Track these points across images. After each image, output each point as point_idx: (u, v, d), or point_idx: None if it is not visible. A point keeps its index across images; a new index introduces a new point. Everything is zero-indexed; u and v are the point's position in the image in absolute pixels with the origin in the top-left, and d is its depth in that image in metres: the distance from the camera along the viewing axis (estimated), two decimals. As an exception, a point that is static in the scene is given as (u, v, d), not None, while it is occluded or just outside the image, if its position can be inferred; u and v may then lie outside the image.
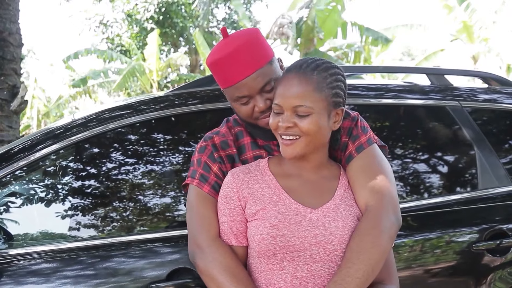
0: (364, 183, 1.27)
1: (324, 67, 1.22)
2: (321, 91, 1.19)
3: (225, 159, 1.38)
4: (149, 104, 1.78)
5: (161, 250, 1.57)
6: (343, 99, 1.25)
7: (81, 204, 1.71)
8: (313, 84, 1.19)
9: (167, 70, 14.78)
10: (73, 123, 1.73)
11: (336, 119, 1.24)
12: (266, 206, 1.22)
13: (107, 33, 16.10)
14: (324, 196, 1.25)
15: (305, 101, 1.18)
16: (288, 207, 1.22)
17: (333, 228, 1.20)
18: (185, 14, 15.15)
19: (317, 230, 1.20)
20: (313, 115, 1.18)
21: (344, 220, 1.22)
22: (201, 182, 1.35)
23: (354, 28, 11.66)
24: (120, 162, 1.75)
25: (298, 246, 1.18)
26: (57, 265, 1.55)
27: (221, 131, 1.44)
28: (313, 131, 1.19)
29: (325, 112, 1.20)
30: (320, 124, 1.19)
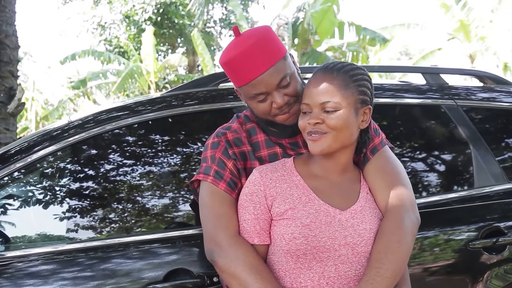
0: (382, 184, 1.31)
1: (349, 68, 1.25)
2: (348, 88, 1.22)
3: (238, 156, 1.36)
4: (146, 105, 1.78)
5: (159, 251, 1.58)
6: (370, 98, 1.27)
7: (78, 206, 1.71)
8: (339, 81, 1.22)
9: (165, 71, 14.77)
10: (70, 125, 1.73)
11: (364, 118, 1.26)
12: (296, 206, 1.23)
13: (105, 35, 16.08)
14: (350, 198, 1.27)
15: (332, 96, 1.20)
16: (318, 207, 1.23)
17: (361, 230, 1.22)
18: (183, 13, 15.13)
19: (347, 231, 1.22)
20: (340, 110, 1.21)
21: (371, 222, 1.24)
22: (216, 179, 1.33)
23: (351, 28, 11.67)
24: (118, 163, 1.75)
25: (328, 247, 1.20)
26: (55, 267, 1.55)
27: (233, 126, 1.41)
28: (341, 126, 1.20)
29: (353, 109, 1.22)
30: (348, 120, 1.21)
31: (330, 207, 1.24)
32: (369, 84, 1.27)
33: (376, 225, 1.25)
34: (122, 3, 15.48)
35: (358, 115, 1.24)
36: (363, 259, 1.22)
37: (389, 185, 1.30)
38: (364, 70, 1.28)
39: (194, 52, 15.38)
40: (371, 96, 1.28)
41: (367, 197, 1.29)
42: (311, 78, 1.27)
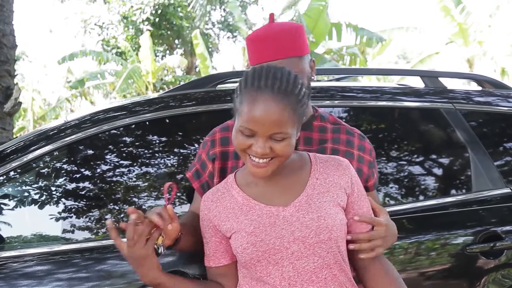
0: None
1: (293, 82, 1.14)
2: (295, 113, 1.14)
3: (218, 155, 1.41)
4: (144, 106, 1.77)
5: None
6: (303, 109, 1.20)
7: (74, 206, 1.70)
8: (289, 109, 1.12)
9: (163, 72, 14.76)
10: (67, 124, 1.72)
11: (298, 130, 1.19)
12: (238, 218, 1.21)
13: (103, 35, 16.07)
14: (294, 191, 1.21)
15: (282, 127, 1.11)
16: (260, 212, 1.20)
17: (308, 220, 1.17)
18: (182, 15, 15.15)
19: (293, 226, 1.17)
20: (288, 138, 1.14)
21: (319, 209, 1.18)
22: (193, 177, 1.45)
23: (348, 29, 11.68)
24: (114, 164, 1.74)
25: (278, 247, 1.17)
26: (51, 268, 1.54)
27: (228, 123, 1.45)
28: (289, 152, 1.16)
29: (296, 130, 1.17)
30: (293, 143, 1.16)
31: (272, 207, 1.20)
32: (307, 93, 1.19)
33: (328, 210, 1.18)
34: (120, 4, 15.48)
35: (296, 130, 1.17)
36: (319, 250, 1.17)
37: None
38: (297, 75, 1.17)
39: (192, 54, 15.38)
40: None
41: (317, 182, 1.22)
42: (256, 95, 1.12)
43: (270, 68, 1.15)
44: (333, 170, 1.24)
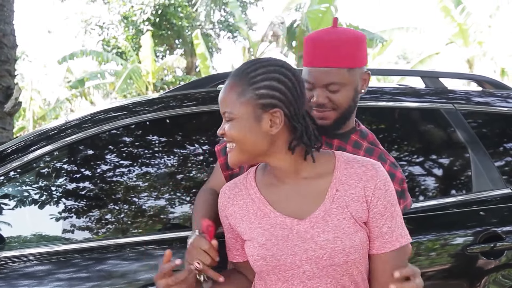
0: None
1: (253, 68, 1.11)
2: (244, 95, 1.09)
3: None
4: (144, 106, 1.77)
5: (155, 253, 1.57)
6: (279, 100, 1.09)
7: (75, 206, 1.70)
8: (238, 88, 1.10)
9: (163, 72, 14.76)
10: (67, 124, 1.72)
11: (272, 122, 1.10)
12: (252, 224, 1.14)
13: (103, 35, 16.07)
14: (313, 201, 1.12)
15: (228, 106, 1.11)
16: (274, 221, 1.12)
17: (322, 241, 1.08)
18: (182, 15, 15.15)
19: (307, 244, 1.09)
20: (234, 121, 1.10)
21: (336, 228, 1.08)
22: (221, 152, 1.46)
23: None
24: (115, 164, 1.74)
25: (289, 264, 1.09)
26: (51, 268, 1.54)
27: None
28: (237, 137, 1.10)
29: (252, 117, 1.09)
30: (244, 130, 1.09)
31: (286, 218, 1.11)
32: (279, 84, 1.09)
33: (344, 229, 1.08)
34: (120, 4, 15.48)
35: (262, 121, 1.09)
36: (332, 272, 1.08)
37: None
38: (281, 66, 1.12)
39: (192, 54, 15.38)
40: (282, 97, 1.10)
41: (337, 194, 1.11)
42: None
43: (249, 60, 1.17)
44: (356, 180, 1.12)
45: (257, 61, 1.14)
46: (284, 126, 1.11)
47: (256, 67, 1.11)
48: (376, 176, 1.11)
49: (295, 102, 1.10)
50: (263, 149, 1.12)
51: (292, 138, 1.12)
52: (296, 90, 1.11)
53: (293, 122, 1.11)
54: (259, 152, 1.12)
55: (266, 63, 1.12)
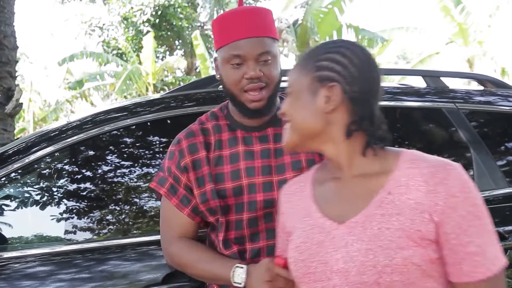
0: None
1: (328, 42, 1.01)
2: (304, 69, 0.99)
3: (190, 165, 1.31)
4: (145, 106, 1.77)
5: (157, 253, 1.56)
6: (338, 73, 0.95)
7: (76, 207, 1.70)
8: (303, 63, 1.00)
9: (163, 72, 14.77)
10: (68, 125, 1.72)
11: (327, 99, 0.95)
12: (296, 222, 1.01)
13: (103, 36, 16.08)
14: (358, 204, 0.93)
15: (289, 81, 1.02)
16: (314, 222, 0.97)
17: (354, 251, 0.88)
18: (182, 16, 15.16)
19: (339, 253, 0.90)
20: (291, 95, 1.00)
21: (374, 238, 0.87)
22: (170, 193, 1.33)
23: (349, 30, 11.68)
24: (116, 165, 1.74)
25: (319, 274, 0.91)
26: (52, 268, 1.54)
27: (192, 128, 1.36)
28: (289, 112, 0.99)
29: (306, 90, 0.97)
30: (299, 104, 0.98)
31: (327, 220, 0.95)
32: (342, 57, 0.96)
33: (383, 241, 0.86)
34: (120, 5, 15.48)
35: (318, 96, 0.95)
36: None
37: None
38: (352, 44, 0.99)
39: (192, 54, 15.38)
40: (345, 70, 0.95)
41: (386, 199, 0.90)
42: None
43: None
44: (418, 182, 0.89)
45: (332, 40, 1.04)
46: (343, 106, 0.95)
47: (327, 42, 1.01)
48: (449, 179, 0.87)
49: (359, 82, 0.94)
50: (316, 130, 0.96)
51: (351, 121, 0.94)
52: (363, 69, 0.95)
53: (353, 103, 0.94)
54: (310, 133, 0.97)
55: (339, 40, 1.02)
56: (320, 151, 1.00)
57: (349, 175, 0.98)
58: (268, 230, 1.29)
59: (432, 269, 0.86)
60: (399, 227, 0.87)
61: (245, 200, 1.30)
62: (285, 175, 1.30)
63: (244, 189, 1.29)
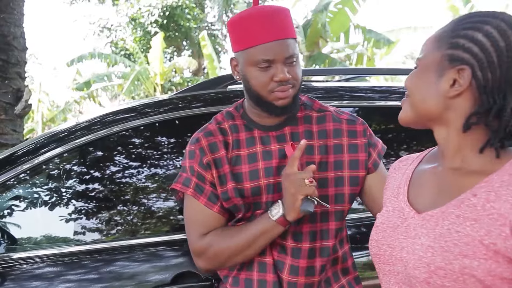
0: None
1: (474, 14, 0.88)
2: (440, 41, 0.88)
3: (212, 164, 1.30)
4: (153, 107, 1.78)
5: (165, 254, 1.57)
6: (473, 56, 0.83)
7: (84, 208, 1.71)
8: (441, 34, 0.89)
9: (171, 73, 14.82)
10: (77, 126, 1.73)
11: (455, 82, 0.85)
12: (386, 199, 1.00)
13: (111, 37, 16.17)
14: (442, 198, 0.88)
15: (423, 51, 0.92)
16: (397, 205, 0.95)
17: (418, 244, 0.85)
18: (189, 17, 15.20)
19: (406, 242, 0.88)
20: (418, 67, 0.91)
21: (438, 237, 0.83)
22: (197, 192, 1.30)
23: (357, 30, 11.66)
24: (124, 166, 1.75)
25: (387, 258, 0.91)
26: (61, 269, 1.55)
27: (209, 128, 1.34)
28: (410, 86, 0.91)
29: (435, 68, 0.87)
30: (420, 81, 0.89)
31: (408, 207, 0.92)
32: (485, 38, 0.83)
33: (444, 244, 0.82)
34: (128, 6, 15.56)
35: (443, 77, 0.86)
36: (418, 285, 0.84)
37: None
38: (503, 20, 0.84)
39: (200, 55, 15.42)
40: (484, 54, 0.83)
41: (469, 202, 0.83)
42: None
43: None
44: (509, 193, 0.80)
45: (482, 11, 0.89)
46: (470, 93, 0.85)
47: (475, 13, 0.88)
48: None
49: (497, 69, 0.82)
50: (433, 112, 0.89)
51: (473, 112, 0.84)
52: (508, 55, 0.82)
53: (482, 92, 0.83)
54: (427, 114, 0.90)
55: (489, 13, 0.87)
56: (433, 131, 0.93)
57: (447, 166, 0.90)
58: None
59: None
60: (470, 233, 0.80)
61: (263, 200, 1.29)
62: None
63: (263, 189, 1.29)
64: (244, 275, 1.30)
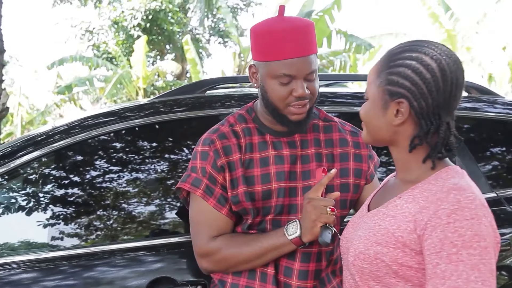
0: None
1: (403, 50, 1.02)
2: (379, 76, 1.03)
3: (226, 167, 1.31)
4: (134, 111, 1.77)
5: (143, 259, 1.56)
6: (407, 90, 0.98)
7: (63, 213, 1.68)
8: (379, 69, 1.04)
9: (154, 77, 14.73)
10: (55, 130, 1.71)
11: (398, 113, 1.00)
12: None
13: (93, 40, 16.01)
14: (384, 200, 1.06)
15: (368, 85, 1.07)
16: (363, 206, 1.16)
17: (357, 235, 1.05)
18: (173, 21, 15.15)
19: (353, 234, 1.07)
20: (367, 101, 1.06)
21: (368, 229, 1.03)
22: (206, 194, 1.30)
23: (338, 36, 11.77)
24: (103, 170, 1.73)
25: (343, 249, 1.11)
26: (37, 275, 1.53)
27: (222, 130, 1.34)
28: (364, 118, 1.07)
29: (380, 101, 1.02)
30: (370, 113, 1.05)
31: (366, 207, 1.13)
32: (413, 73, 0.98)
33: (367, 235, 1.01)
34: (111, 9, 15.44)
35: (388, 109, 1.01)
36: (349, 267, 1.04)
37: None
38: (424, 54, 0.99)
39: (183, 59, 15.38)
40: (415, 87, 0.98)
41: (395, 203, 1.01)
42: None
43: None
44: (422, 197, 0.97)
45: (409, 43, 1.04)
46: (411, 120, 1.01)
47: (402, 49, 1.03)
48: (444, 201, 0.92)
49: (429, 97, 0.97)
50: (385, 138, 1.05)
51: (415, 135, 1.01)
52: (436, 84, 0.97)
53: (420, 117, 0.99)
54: (381, 139, 1.07)
55: (413, 47, 1.02)
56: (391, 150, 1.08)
57: (398, 177, 1.08)
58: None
59: (407, 274, 0.96)
60: (387, 227, 0.98)
61: (272, 204, 1.31)
62: (310, 181, 1.33)
63: (273, 193, 1.31)
64: (244, 282, 1.32)
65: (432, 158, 1.00)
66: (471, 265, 0.86)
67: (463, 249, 0.87)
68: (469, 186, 0.96)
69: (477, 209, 0.91)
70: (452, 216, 0.89)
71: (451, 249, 0.88)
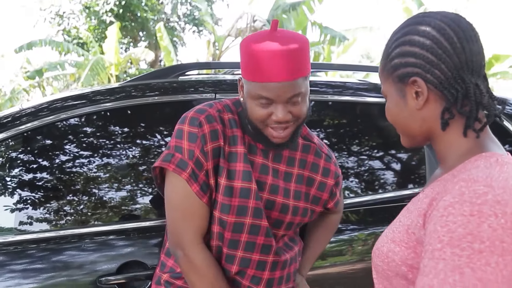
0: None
1: (394, 32, 0.93)
2: (386, 69, 0.93)
3: (211, 154, 1.24)
4: (105, 95, 1.73)
5: (113, 243, 1.54)
6: (414, 66, 0.88)
7: (30, 197, 1.64)
8: (382, 62, 0.94)
9: (127, 64, 14.47)
10: (22, 112, 1.66)
11: (417, 94, 0.88)
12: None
13: (64, 25, 15.57)
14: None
15: (382, 85, 0.96)
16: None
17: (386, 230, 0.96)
18: (146, 8, 14.88)
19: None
20: (387, 99, 0.95)
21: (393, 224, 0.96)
22: (192, 179, 1.22)
23: (314, 27, 11.81)
24: (73, 154, 1.70)
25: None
26: (4, 259, 1.49)
27: (210, 112, 1.27)
28: (390, 118, 0.96)
29: (395, 93, 0.92)
30: (395, 109, 0.92)
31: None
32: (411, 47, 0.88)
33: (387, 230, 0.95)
34: (82, -7, 15.05)
35: (407, 96, 0.90)
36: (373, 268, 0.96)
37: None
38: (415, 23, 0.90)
39: (156, 47, 15.15)
40: (420, 59, 0.87)
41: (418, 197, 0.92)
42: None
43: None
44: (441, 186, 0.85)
45: (398, 28, 0.94)
46: (434, 96, 0.87)
47: (394, 36, 0.93)
48: (447, 193, 0.80)
49: (440, 63, 0.85)
50: (416, 132, 0.92)
51: (443, 108, 0.87)
52: (441, 46, 0.85)
53: (442, 89, 0.86)
54: (414, 134, 0.93)
55: (402, 25, 0.92)
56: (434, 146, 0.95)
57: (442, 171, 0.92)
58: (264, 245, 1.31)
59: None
60: (405, 223, 0.87)
61: (250, 205, 1.27)
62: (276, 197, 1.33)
63: (252, 193, 1.26)
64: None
65: (471, 127, 0.85)
66: (453, 266, 0.73)
67: (448, 246, 0.75)
68: (486, 179, 0.78)
69: (484, 206, 0.75)
70: (448, 209, 0.77)
71: (436, 244, 0.76)
